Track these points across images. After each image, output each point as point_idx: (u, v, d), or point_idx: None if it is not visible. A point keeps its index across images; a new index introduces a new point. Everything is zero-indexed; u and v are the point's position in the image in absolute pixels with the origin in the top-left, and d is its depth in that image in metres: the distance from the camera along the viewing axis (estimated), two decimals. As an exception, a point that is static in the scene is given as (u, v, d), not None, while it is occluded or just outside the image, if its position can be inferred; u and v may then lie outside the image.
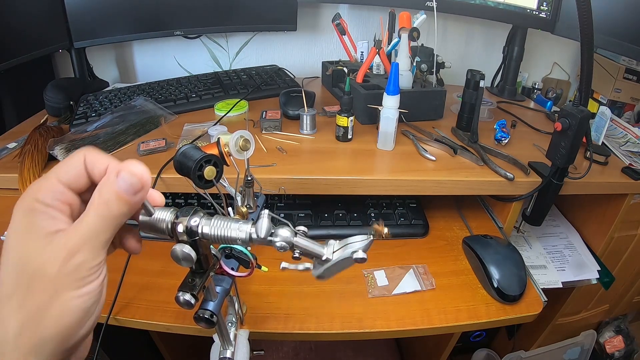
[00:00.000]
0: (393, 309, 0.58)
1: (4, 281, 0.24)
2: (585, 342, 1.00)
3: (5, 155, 0.69)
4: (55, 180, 0.26)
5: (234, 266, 0.37)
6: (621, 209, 0.74)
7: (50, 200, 0.25)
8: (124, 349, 0.82)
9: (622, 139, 0.84)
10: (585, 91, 0.56)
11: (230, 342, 0.46)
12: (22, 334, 0.23)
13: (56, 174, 0.26)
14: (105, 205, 0.25)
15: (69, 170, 0.26)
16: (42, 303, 0.24)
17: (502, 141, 0.75)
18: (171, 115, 0.81)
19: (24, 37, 0.81)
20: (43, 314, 0.24)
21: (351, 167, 0.66)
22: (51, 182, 0.26)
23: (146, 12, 0.93)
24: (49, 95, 0.84)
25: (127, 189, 0.25)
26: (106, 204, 0.25)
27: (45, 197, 0.25)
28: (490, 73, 1.07)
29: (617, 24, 0.79)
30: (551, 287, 0.74)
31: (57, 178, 0.26)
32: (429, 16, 0.77)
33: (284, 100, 0.83)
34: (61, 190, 0.26)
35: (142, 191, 0.26)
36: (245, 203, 0.42)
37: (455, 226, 0.76)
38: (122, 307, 0.56)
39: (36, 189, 0.25)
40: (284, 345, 1.05)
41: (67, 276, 0.24)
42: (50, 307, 0.24)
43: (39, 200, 0.25)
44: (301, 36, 1.15)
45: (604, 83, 1.03)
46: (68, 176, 0.26)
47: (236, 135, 0.37)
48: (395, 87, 0.67)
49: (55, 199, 0.25)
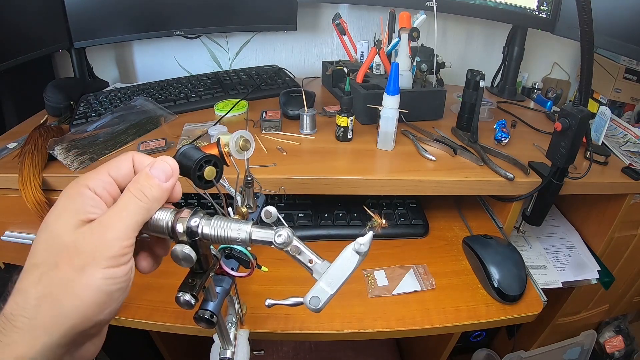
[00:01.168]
0: (393, 309, 0.58)
1: (34, 251, 0.25)
2: (585, 342, 1.00)
3: (5, 155, 0.69)
4: (105, 173, 0.28)
5: (234, 266, 0.37)
6: (621, 209, 0.74)
7: (99, 189, 0.27)
8: (124, 349, 0.82)
9: (622, 139, 0.84)
10: (585, 91, 0.56)
11: (230, 342, 0.46)
12: (41, 305, 0.24)
13: (107, 168, 0.29)
14: (140, 189, 0.27)
15: (118, 166, 0.29)
16: (68, 277, 0.24)
17: (502, 141, 0.75)
18: (171, 115, 0.81)
19: (24, 37, 0.81)
20: (66, 288, 0.24)
21: (351, 167, 0.66)
22: (102, 173, 0.28)
23: (146, 12, 0.93)
24: (49, 95, 0.84)
25: (159, 175, 0.28)
26: (140, 188, 0.28)
27: (96, 185, 0.27)
28: (490, 73, 1.06)
29: (617, 24, 0.79)
30: (551, 287, 0.74)
31: (107, 171, 0.28)
32: (429, 16, 0.77)
33: (284, 100, 0.83)
34: (110, 181, 0.28)
35: (172, 178, 0.29)
36: (245, 203, 0.42)
37: (455, 226, 0.76)
38: (122, 307, 0.55)
39: (87, 177, 0.28)
40: (284, 345, 1.05)
41: (98, 252, 0.25)
42: (75, 282, 0.24)
43: (89, 186, 0.27)
44: (301, 36, 1.15)
45: (604, 83, 1.03)
46: (117, 171, 0.29)
47: (236, 135, 0.36)
48: (395, 87, 0.67)
49: (103, 188, 0.28)
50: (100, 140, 0.70)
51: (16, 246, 0.69)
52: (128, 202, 0.27)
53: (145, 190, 0.28)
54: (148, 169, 0.29)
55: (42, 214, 0.61)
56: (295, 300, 0.32)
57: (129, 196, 0.27)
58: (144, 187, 0.28)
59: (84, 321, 0.24)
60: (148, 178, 0.28)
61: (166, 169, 0.29)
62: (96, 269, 0.24)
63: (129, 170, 0.29)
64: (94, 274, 0.24)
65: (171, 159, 0.30)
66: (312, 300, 0.30)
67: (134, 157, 0.30)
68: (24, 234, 0.68)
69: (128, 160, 0.30)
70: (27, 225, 0.67)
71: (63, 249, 0.25)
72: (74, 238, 0.25)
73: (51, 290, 0.24)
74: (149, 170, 0.28)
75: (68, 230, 0.25)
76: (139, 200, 0.27)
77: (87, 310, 0.24)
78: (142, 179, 0.28)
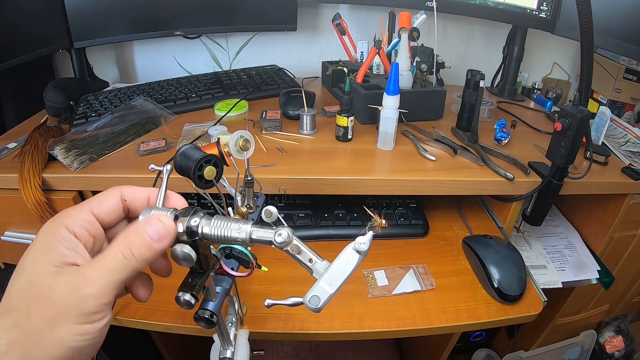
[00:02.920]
0: (393, 309, 0.58)
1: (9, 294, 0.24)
2: (585, 342, 1.00)
3: (5, 155, 0.69)
4: (87, 209, 0.26)
5: (234, 266, 0.37)
6: (621, 209, 0.74)
7: (77, 228, 0.25)
8: (124, 349, 0.82)
9: (622, 139, 0.84)
10: (585, 91, 0.56)
11: (230, 342, 0.46)
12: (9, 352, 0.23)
13: (90, 205, 0.27)
14: (129, 246, 0.25)
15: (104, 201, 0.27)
16: (38, 329, 0.23)
17: (502, 141, 0.75)
18: (171, 115, 0.81)
19: (24, 37, 0.81)
20: (35, 340, 0.23)
21: (351, 167, 0.66)
22: (83, 210, 0.26)
23: (146, 12, 0.93)
24: (49, 95, 0.84)
25: (152, 234, 0.26)
26: (130, 245, 0.25)
27: (74, 224, 0.25)
28: (490, 73, 1.07)
29: (617, 24, 0.79)
30: (551, 287, 0.74)
31: (90, 207, 0.26)
32: (429, 16, 0.77)
33: (284, 100, 0.83)
34: (91, 219, 0.26)
35: (166, 239, 0.26)
36: (245, 203, 0.42)
37: (455, 226, 0.76)
38: (122, 307, 0.57)
39: (67, 215, 0.25)
40: (284, 345, 1.05)
41: (71, 307, 0.23)
42: (45, 336, 0.23)
43: (67, 226, 0.25)
44: (301, 36, 1.15)
45: (604, 83, 1.03)
46: (101, 208, 0.27)
47: (236, 135, 0.37)
48: (395, 87, 0.67)
49: (82, 227, 0.26)
50: (100, 140, 0.70)
51: (16, 246, 0.69)
52: (114, 258, 0.25)
53: (134, 249, 0.25)
54: (142, 226, 0.26)
55: (42, 214, 0.61)
56: (295, 300, 0.31)
57: (115, 252, 0.25)
58: (134, 245, 0.25)
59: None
60: (140, 236, 0.26)
61: (160, 230, 0.26)
62: (67, 325, 0.23)
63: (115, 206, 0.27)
64: (65, 329, 0.23)
65: (168, 220, 0.27)
66: (312, 300, 0.30)
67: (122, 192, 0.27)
68: (24, 234, 0.68)
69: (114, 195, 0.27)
70: (27, 225, 0.67)
71: (36, 296, 0.23)
72: (48, 285, 0.23)
73: (21, 340, 0.23)
74: (142, 228, 0.26)
75: (43, 276, 0.24)
76: (125, 258, 0.25)
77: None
78: (134, 236, 0.26)
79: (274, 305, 0.33)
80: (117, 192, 0.27)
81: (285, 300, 0.32)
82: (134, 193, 0.28)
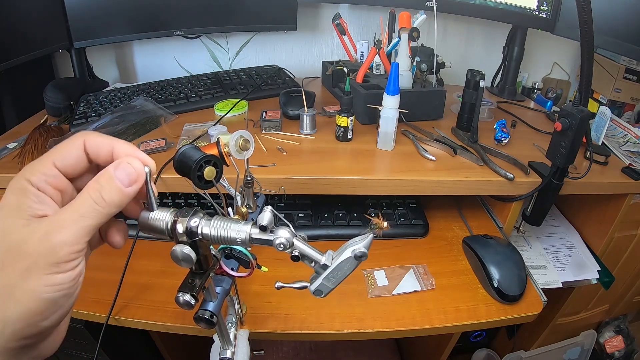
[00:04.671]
0: (393, 309, 0.58)
1: None
2: (585, 342, 1.00)
3: (5, 155, 0.69)
4: (50, 164, 0.25)
5: (234, 266, 0.37)
6: (621, 209, 0.74)
7: (42, 183, 0.25)
8: (124, 349, 0.82)
9: (622, 139, 0.84)
10: (585, 91, 0.56)
11: (230, 342, 0.46)
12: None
13: (52, 157, 0.25)
14: (99, 191, 0.25)
15: (66, 154, 0.26)
16: (11, 281, 0.22)
17: (502, 141, 0.75)
18: (171, 115, 0.81)
19: (24, 37, 0.81)
20: (8, 293, 0.22)
21: (351, 167, 0.66)
22: (46, 164, 0.25)
23: (146, 12, 0.93)
24: (49, 95, 0.84)
25: (122, 178, 0.25)
26: (100, 190, 0.25)
27: (39, 180, 0.24)
28: (490, 73, 1.07)
29: (617, 24, 0.79)
30: (551, 287, 0.74)
31: (52, 161, 0.25)
32: (429, 16, 0.77)
33: (284, 100, 0.83)
34: (55, 174, 0.25)
35: (136, 183, 0.26)
36: (245, 203, 0.42)
37: (455, 226, 0.76)
38: (122, 307, 0.57)
39: (30, 170, 0.25)
40: (284, 345, 1.05)
41: (42, 256, 0.23)
42: (17, 287, 0.22)
43: (30, 181, 0.24)
44: (301, 36, 1.15)
45: (604, 83, 1.03)
46: (65, 161, 0.26)
47: (236, 135, 0.37)
48: (395, 87, 0.67)
49: (47, 182, 0.25)
50: (100, 140, 0.70)
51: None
52: (83, 203, 0.24)
53: (104, 194, 0.25)
54: (112, 169, 0.25)
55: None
56: (302, 284, 0.35)
57: (85, 197, 0.24)
58: (104, 190, 0.25)
59: (27, 327, 0.23)
60: (110, 180, 0.25)
61: (131, 173, 0.26)
62: (38, 275, 0.22)
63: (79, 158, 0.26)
64: (36, 280, 0.22)
65: (137, 162, 0.26)
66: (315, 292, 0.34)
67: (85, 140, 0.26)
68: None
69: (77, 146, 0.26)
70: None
71: (9, 248, 0.23)
72: (21, 236, 0.23)
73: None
74: (112, 171, 0.25)
75: (14, 230, 0.23)
76: (95, 203, 0.24)
77: (29, 317, 0.23)
78: (104, 180, 0.25)
79: (283, 287, 0.36)
80: (80, 143, 0.26)
81: (294, 283, 0.36)
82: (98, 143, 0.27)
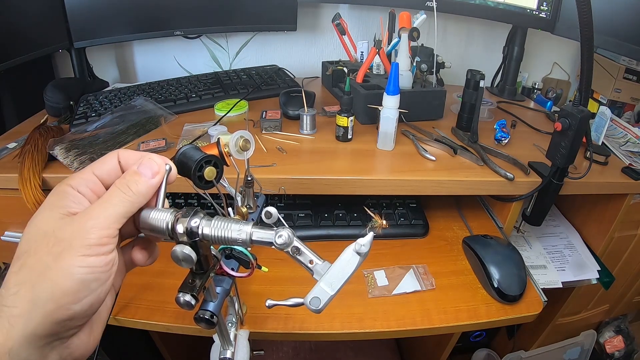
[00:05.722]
0: (393, 309, 0.58)
1: (20, 245, 0.26)
2: (585, 342, 1.00)
3: (5, 155, 0.69)
4: (89, 172, 0.29)
5: (234, 267, 0.37)
6: (621, 209, 0.74)
7: (82, 187, 0.28)
8: (124, 349, 0.82)
9: (622, 139, 0.84)
10: (585, 91, 0.56)
11: (231, 343, 0.46)
12: (19, 292, 0.24)
13: (91, 167, 0.30)
14: (126, 183, 0.28)
15: (102, 164, 0.30)
16: (44, 263, 0.24)
17: (502, 141, 0.75)
18: (171, 115, 0.81)
19: (24, 37, 0.81)
20: (42, 273, 0.24)
21: (351, 167, 0.66)
22: (85, 172, 0.29)
23: (146, 12, 0.93)
24: (49, 95, 0.84)
25: (145, 171, 0.29)
26: (127, 182, 0.28)
27: (78, 183, 0.28)
28: (490, 73, 1.06)
29: (617, 24, 0.79)
30: (551, 287, 0.74)
31: (91, 170, 0.29)
32: (429, 16, 0.77)
33: (284, 100, 0.83)
34: (93, 180, 0.29)
35: (159, 174, 0.30)
36: (246, 203, 0.42)
37: (455, 226, 0.76)
38: (122, 307, 0.57)
39: (72, 177, 0.29)
40: (284, 345, 1.05)
41: (75, 239, 0.25)
42: (51, 268, 0.24)
43: (70, 185, 0.28)
44: (301, 36, 1.15)
45: (604, 83, 1.03)
46: (102, 170, 0.30)
47: (236, 136, 0.36)
48: (395, 87, 0.67)
49: (86, 187, 0.28)
50: (100, 140, 0.70)
51: (16, 246, 0.68)
52: (112, 194, 0.28)
53: (130, 185, 0.28)
54: (135, 166, 0.29)
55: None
56: (296, 300, 0.31)
57: (113, 189, 0.28)
58: (130, 182, 0.28)
59: (59, 309, 0.24)
60: (135, 174, 0.29)
61: (152, 166, 0.29)
62: (72, 256, 0.25)
63: (114, 168, 0.30)
64: (70, 260, 0.24)
65: (158, 157, 0.30)
66: (312, 301, 0.30)
67: (119, 154, 0.30)
68: (24, 234, 0.68)
69: (113, 158, 0.30)
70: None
71: (43, 237, 0.25)
72: (57, 225, 0.26)
73: (29, 276, 0.24)
74: (136, 168, 0.29)
75: (50, 221, 0.26)
76: (123, 193, 0.28)
77: (62, 297, 0.24)
78: (129, 174, 0.29)
79: (275, 305, 0.33)
80: (115, 156, 0.30)
81: (286, 300, 0.32)
82: (128, 156, 0.31)
